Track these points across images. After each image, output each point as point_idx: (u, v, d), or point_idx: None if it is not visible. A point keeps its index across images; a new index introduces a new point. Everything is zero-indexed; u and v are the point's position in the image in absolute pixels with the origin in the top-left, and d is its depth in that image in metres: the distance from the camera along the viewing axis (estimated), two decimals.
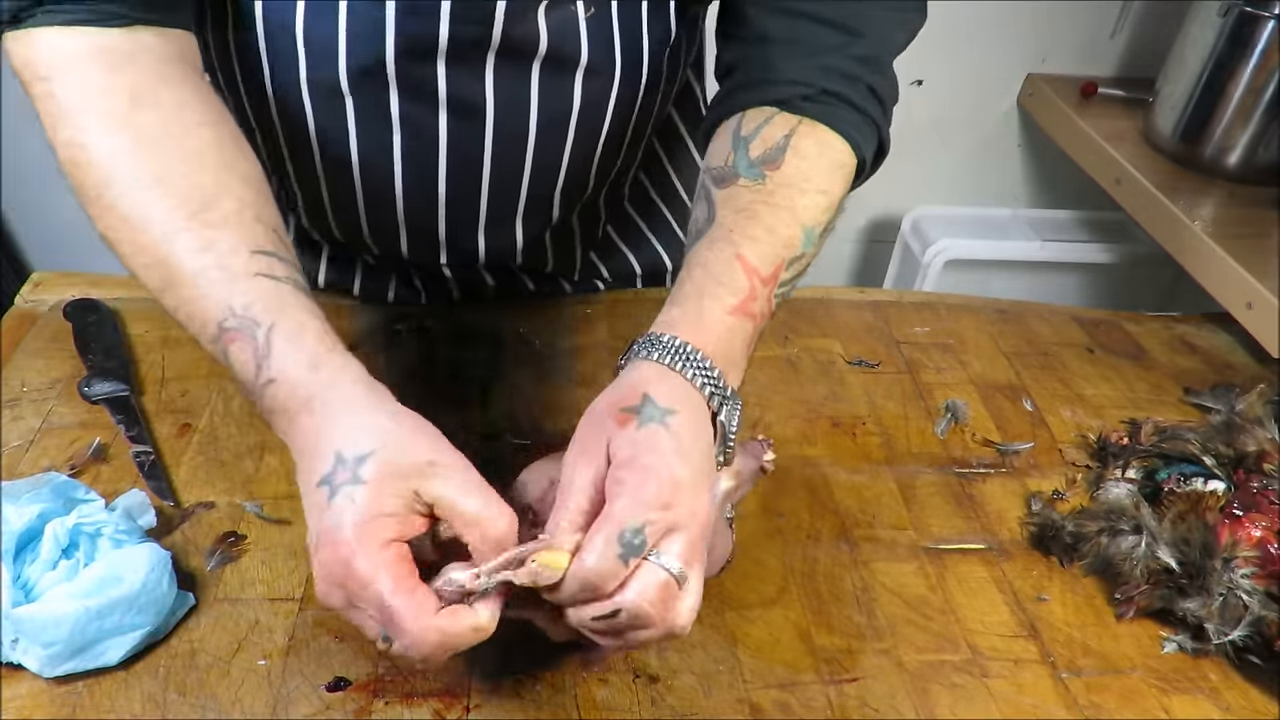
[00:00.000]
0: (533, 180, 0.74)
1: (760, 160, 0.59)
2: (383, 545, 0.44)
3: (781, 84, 0.61)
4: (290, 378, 0.48)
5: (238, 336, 0.49)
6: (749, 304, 0.54)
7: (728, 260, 0.55)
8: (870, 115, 0.62)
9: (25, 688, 0.53)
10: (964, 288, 1.32)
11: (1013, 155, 1.76)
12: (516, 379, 0.79)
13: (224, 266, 0.50)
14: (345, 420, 0.47)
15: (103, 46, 0.53)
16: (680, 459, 0.46)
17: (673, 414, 0.47)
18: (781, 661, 0.59)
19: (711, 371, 0.50)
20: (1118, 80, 1.59)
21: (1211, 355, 0.92)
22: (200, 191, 0.51)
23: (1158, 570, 0.63)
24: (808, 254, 0.58)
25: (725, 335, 0.52)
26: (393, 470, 0.45)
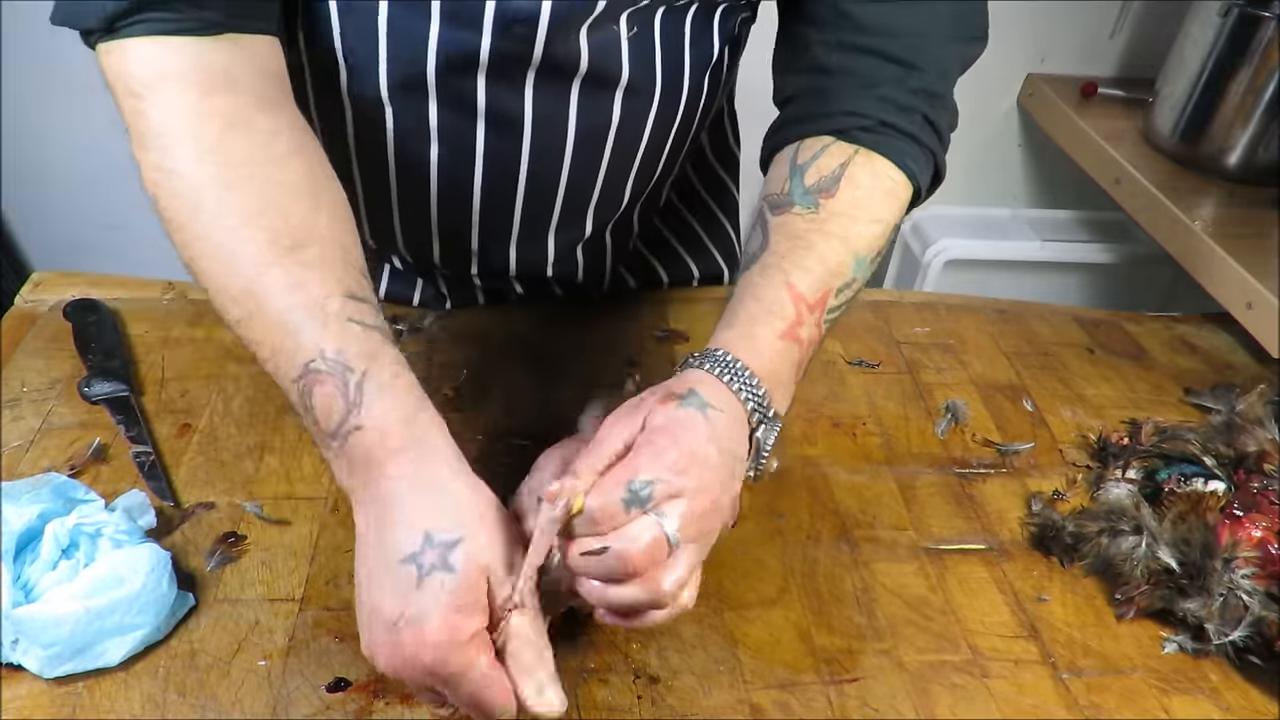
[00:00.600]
0: (567, 195, 0.74)
1: (815, 188, 0.60)
2: (471, 638, 0.45)
3: (838, 115, 0.62)
4: (381, 426, 0.48)
5: (326, 380, 0.48)
6: (795, 329, 0.56)
7: (778, 287, 0.56)
8: (926, 144, 0.63)
9: (25, 688, 0.53)
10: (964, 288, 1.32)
11: (1013, 155, 1.76)
12: (517, 379, 0.79)
13: (316, 307, 0.49)
14: (437, 494, 0.47)
15: (199, 64, 0.52)
16: (709, 442, 0.48)
17: (714, 409, 0.50)
18: (781, 661, 0.59)
19: (758, 390, 0.52)
20: (1118, 80, 1.59)
21: (1211, 355, 0.92)
22: (291, 228, 0.51)
23: (1158, 570, 0.63)
24: (858, 279, 0.60)
25: (774, 358, 0.54)
26: (480, 565, 0.46)
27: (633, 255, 0.90)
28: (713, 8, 0.68)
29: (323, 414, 0.48)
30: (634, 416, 0.50)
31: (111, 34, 0.51)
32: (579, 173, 0.73)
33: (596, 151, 0.72)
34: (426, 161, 0.70)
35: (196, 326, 0.81)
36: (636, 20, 0.65)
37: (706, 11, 0.68)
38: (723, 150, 0.92)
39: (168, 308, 0.82)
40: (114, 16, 0.51)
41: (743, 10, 0.71)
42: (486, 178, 0.71)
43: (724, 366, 0.52)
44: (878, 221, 0.61)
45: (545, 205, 0.75)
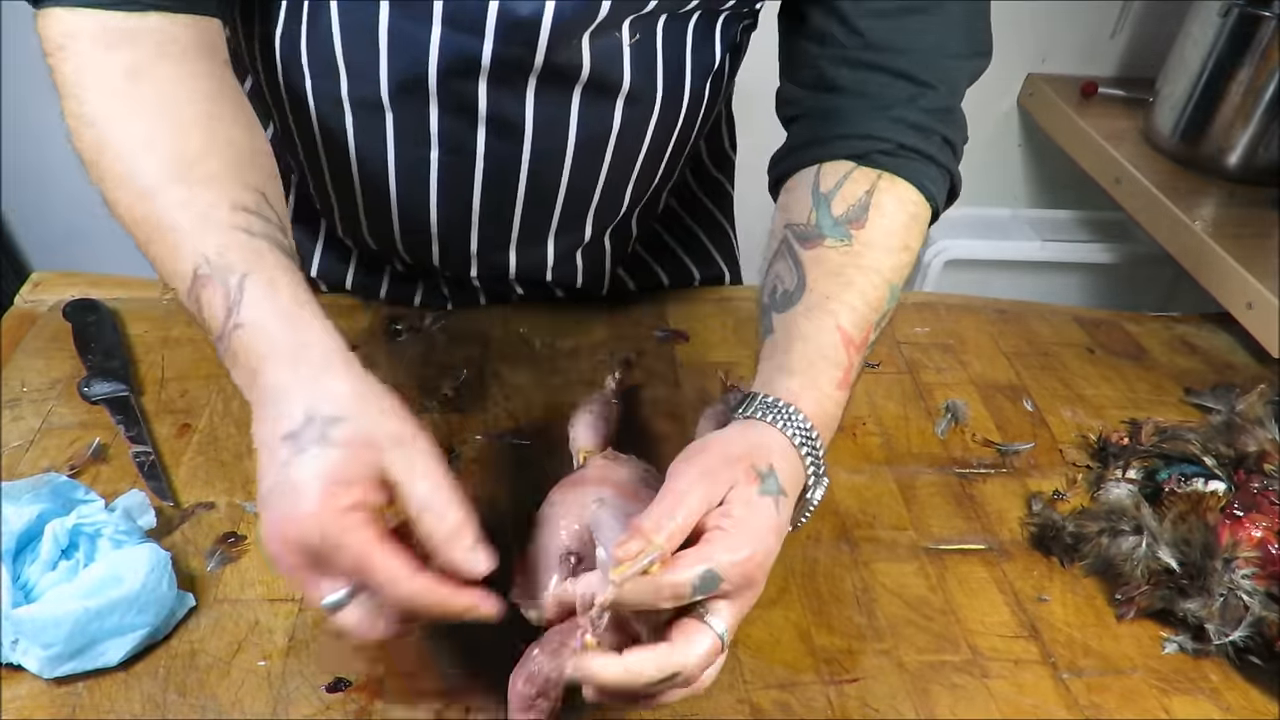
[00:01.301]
0: (567, 199, 0.74)
1: (844, 219, 0.60)
2: (350, 507, 0.43)
3: (855, 139, 0.62)
4: (260, 325, 0.48)
5: (209, 283, 0.49)
6: (849, 375, 0.57)
7: (829, 332, 0.57)
8: (944, 165, 0.63)
9: (25, 688, 0.53)
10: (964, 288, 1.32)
11: (1013, 155, 1.76)
12: (516, 379, 0.79)
13: (203, 217, 0.50)
14: (318, 379, 0.46)
15: (106, 27, 0.54)
16: (774, 535, 0.49)
17: (784, 497, 0.50)
18: (782, 662, 0.59)
19: (818, 450, 0.53)
20: (1118, 80, 1.59)
21: (1212, 355, 0.92)
22: (186, 153, 0.52)
23: (1158, 571, 0.63)
24: (890, 310, 0.61)
25: (833, 411, 0.56)
26: (363, 439, 0.45)
27: (632, 258, 0.90)
28: (715, 15, 0.68)
29: (209, 317, 0.49)
30: (716, 482, 0.49)
31: (40, 3, 0.56)
32: (579, 178, 0.73)
33: (597, 157, 0.72)
34: (426, 165, 0.70)
35: (196, 326, 0.80)
36: (639, 27, 0.64)
37: (709, 19, 0.68)
38: (719, 154, 0.92)
39: (168, 308, 0.82)
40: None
41: (745, 18, 0.71)
42: (486, 182, 0.71)
43: (796, 428, 0.52)
44: (907, 249, 0.61)
45: (545, 210, 0.75)
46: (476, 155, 0.69)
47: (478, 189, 0.72)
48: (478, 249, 0.77)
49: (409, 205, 0.73)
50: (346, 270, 0.85)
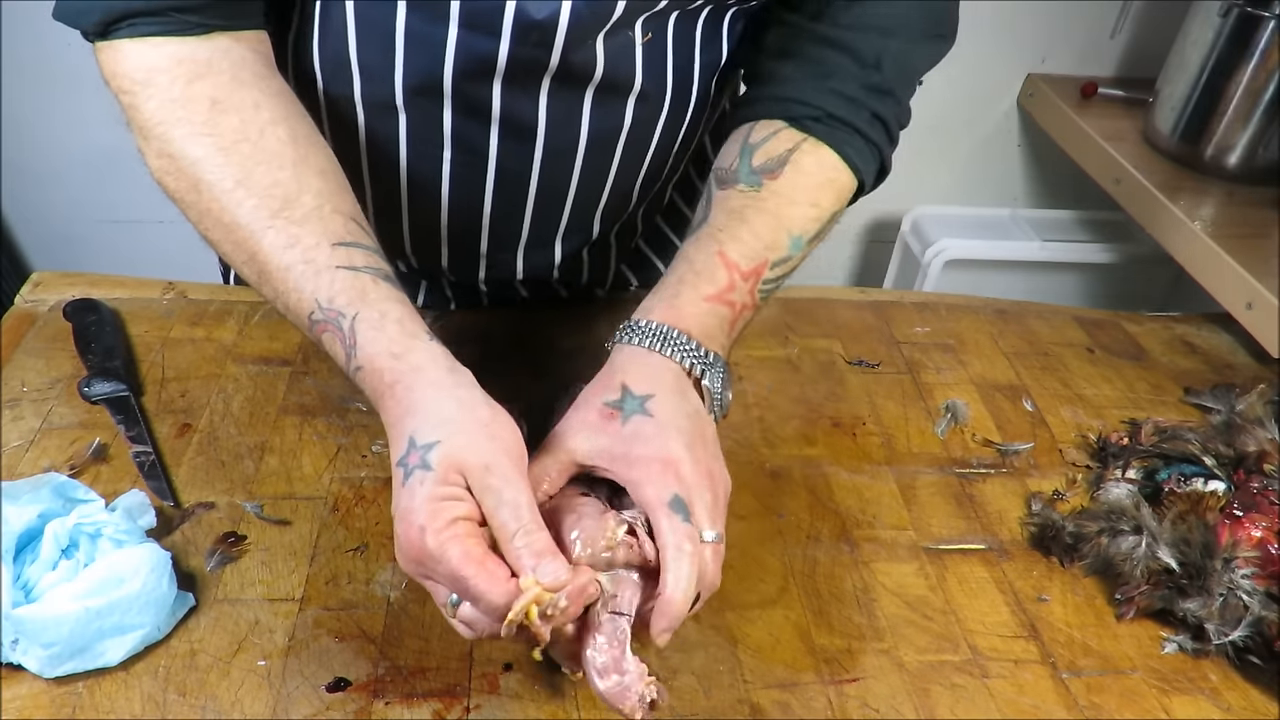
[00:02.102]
0: (577, 199, 0.75)
1: (761, 169, 0.64)
2: (449, 523, 0.47)
3: (793, 102, 0.65)
4: (376, 365, 0.51)
5: (327, 328, 0.53)
6: (726, 294, 0.59)
7: (709, 255, 0.60)
8: (872, 140, 0.66)
9: (25, 688, 0.53)
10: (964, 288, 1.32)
11: (1013, 155, 1.76)
12: (518, 379, 0.79)
13: (309, 261, 0.53)
14: (421, 407, 0.50)
15: (182, 57, 0.56)
16: (667, 438, 0.52)
17: (650, 398, 0.53)
18: (781, 661, 0.59)
19: (688, 344, 0.56)
20: (1118, 80, 1.60)
21: (1211, 355, 0.92)
22: (281, 189, 0.54)
23: (1158, 570, 0.63)
24: (794, 257, 0.63)
25: (700, 317, 0.58)
26: (455, 463, 0.48)
27: (635, 254, 0.90)
28: (724, 10, 0.68)
29: (335, 356, 0.53)
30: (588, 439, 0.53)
31: (105, 36, 0.56)
32: (589, 177, 0.73)
33: (607, 156, 0.72)
34: (439, 167, 0.70)
35: (196, 326, 0.81)
36: (651, 25, 0.65)
37: (717, 15, 0.68)
38: None
39: (168, 308, 0.82)
40: (108, 20, 0.55)
41: (750, 12, 0.71)
42: (498, 183, 0.71)
43: (649, 336, 0.56)
44: (815, 205, 0.64)
45: (555, 210, 0.75)
46: (489, 157, 0.69)
47: (489, 190, 0.72)
48: (487, 250, 0.78)
49: (419, 206, 0.73)
50: None
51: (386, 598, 0.60)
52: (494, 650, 0.57)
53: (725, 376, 0.58)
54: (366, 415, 0.73)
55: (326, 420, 0.72)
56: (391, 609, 0.59)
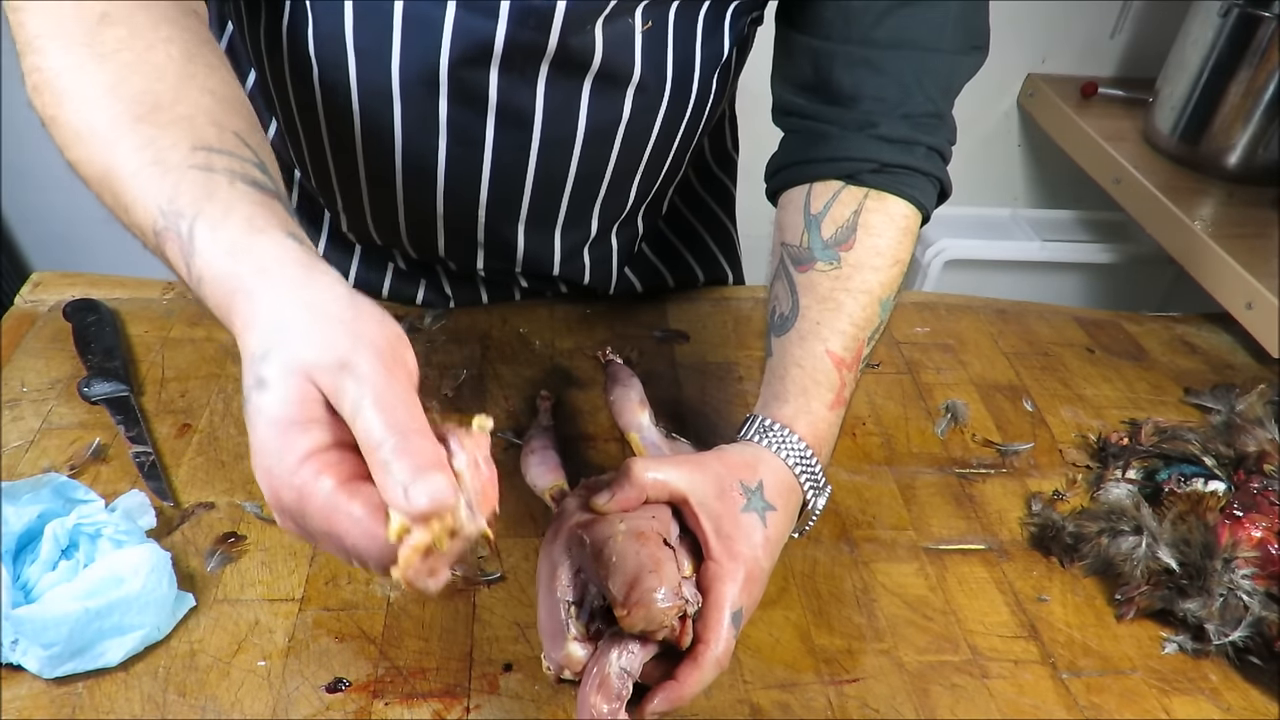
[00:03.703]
0: (574, 191, 0.74)
1: (833, 241, 0.63)
2: (300, 461, 0.37)
3: (844, 161, 0.64)
4: (214, 272, 0.41)
5: (167, 236, 0.42)
6: (841, 394, 0.60)
7: (820, 357, 0.60)
8: (931, 174, 0.65)
9: (25, 688, 0.53)
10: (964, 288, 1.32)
11: (1013, 155, 1.76)
12: (516, 379, 0.79)
13: (159, 162, 0.43)
14: (261, 317, 0.39)
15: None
16: (765, 551, 0.53)
17: (772, 511, 0.55)
18: (781, 662, 0.59)
19: (814, 468, 0.58)
20: (1118, 80, 1.59)
21: (1211, 355, 0.92)
22: (152, 97, 0.46)
23: (1158, 571, 0.63)
24: (884, 322, 0.64)
25: (827, 431, 0.59)
26: (299, 370, 0.38)
27: (638, 258, 0.90)
28: (725, 5, 0.68)
29: (179, 276, 0.43)
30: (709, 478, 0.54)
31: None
32: (587, 169, 0.73)
33: (605, 148, 0.72)
34: (434, 156, 0.70)
35: (196, 326, 0.81)
36: (651, 14, 0.65)
37: (719, 10, 0.68)
38: (722, 154, 0.92)
39: (168, 308, 0.82)
40: None
41: (753, 10, 0.71)
42: (494, 172, 0.71)
43: (789, 449, 0.57)
44: (898, 263, 0.63)
45: (552, 201, 0.75)
46: (485, 146, 0.69)
47: (485, 179, 0.71)
48: (484, 238, 0.77)
49: (415, 195, 0.73)
50: (349, 266, 0.85)
51: (386, 598, 0.60)
52: (494, 650, 0.58)
53: (826, 499, 0.60)
54: None
55: None
56: (391, 609, 0.59)
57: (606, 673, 0.49)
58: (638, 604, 0.48)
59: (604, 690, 0.49)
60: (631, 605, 0.48)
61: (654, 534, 0.51)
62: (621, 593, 0.49)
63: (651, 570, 0.49)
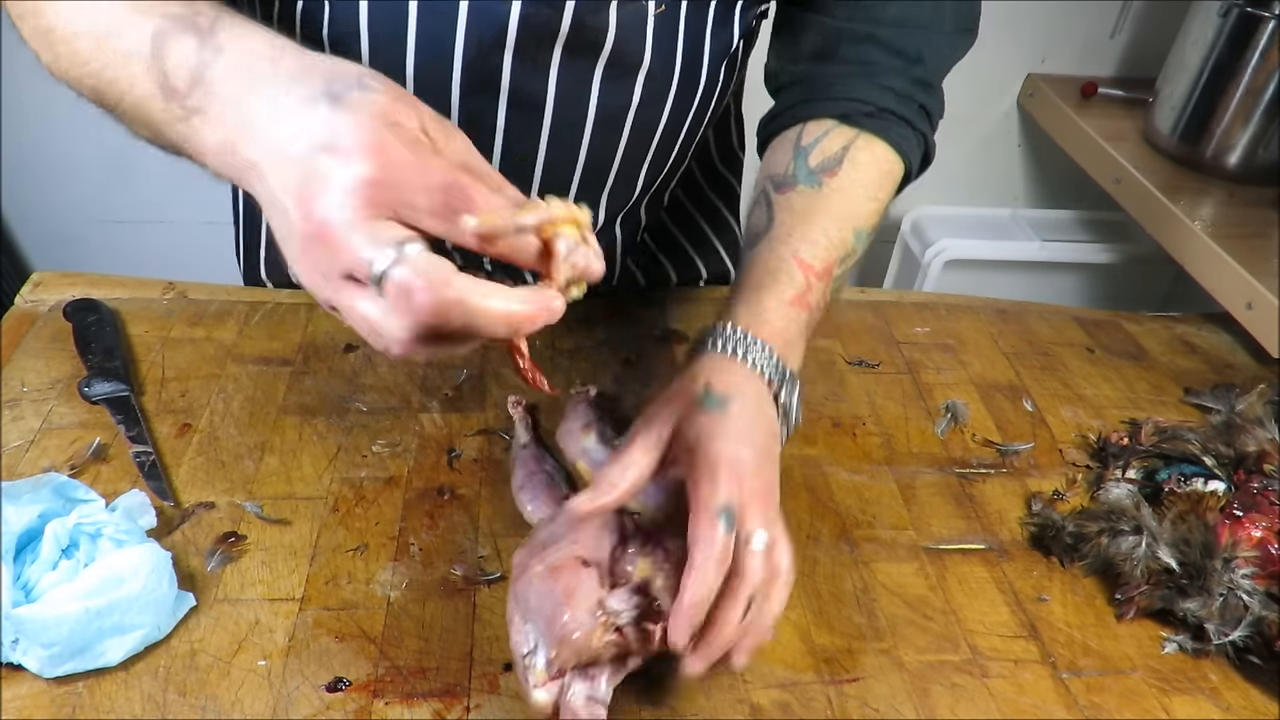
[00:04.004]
0: (583, 179, 0.75)
1: (819, 168, 0.65)
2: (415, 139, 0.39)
3: (842, 100, 0.67)
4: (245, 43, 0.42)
5: (176, 33, 0.43)
6: (805, 296, 0.60)
7: (785, 259, 0.61)
8: (920, 130, 0.68)
9: (25, 688, 0.53)
10: (964, 288, 1.32)
11: (1013, 155, 1.76)
12: (516, 379, 0.79)
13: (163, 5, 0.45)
14: (326, 63, 0.41)
15: None
16: (739, 442, 0.51)
17: (729, 400, 0.53)
18: (781, 661, 0.59)
19: (770, 358, 0.56)
20: (1118, 80, 1.60)
21: (1211, 355, 0.92)
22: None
23: (1158, 570, 0.63)
24: (857, 250, 0.65)
25: (783, 324, 0.58)
26: (398, 91, 0.40)
27: (641, 251, 0.91)
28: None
29: (180, 71, 0.43)
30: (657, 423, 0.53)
31: None
32: (596, 155, 0.73)
33: (614, 134, 0.72)
34: None
35: (196, 326, 0.81)
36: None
37: (729, 1, 0.69)
38: (727, 151, 0.92)
39: (168, 308, 0.83)
40: None
41: (763, 2, 0.72)
42: (505, 158, 0.71)
43: (734, 344, 0.56)
44: (874, 199, 0.65)
45: (560, 189, 0.75)
46: (496, 131, 0.69)
47: (495, 166, 0.71)
48: None
49: None
50: None
51: (386, 598, 0.60)
52: (494, 650, 0.58)
53: (799, 391, 0.58)
54: (367, 415, 0.73)
55: (326, 420, 0.72)
56: (391, 609, 0.59)
57: (574, 706, 0.50)
58: (560, 641, 0.49)
59: None
60: (556, 644, 0.49)
61: (569, 563, 0.51)
62: (546, 635, 0.50)
63: (563, 603, 0.49)
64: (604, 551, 0.53)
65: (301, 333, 0.81)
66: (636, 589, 0.51)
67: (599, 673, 0.51)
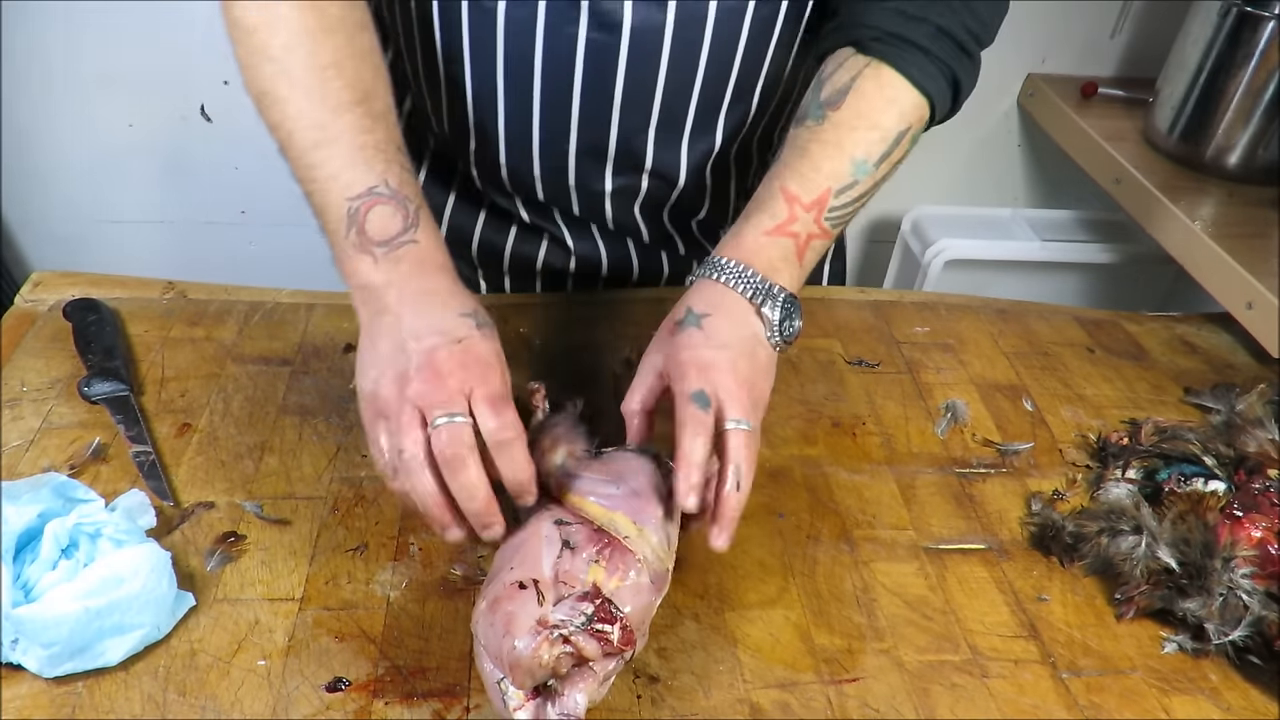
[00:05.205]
0: (704, 84, 0.74)
1: (826, 101, 0.66)
2: None
3: (856, 26, 0.67)
4: (433, 245, 0.59)
5: (388, 203, 0.58)
6: (787, 225, 0.63)
7: (771, 191, 0.64)
8: (936, 54, 0.66)
9: (25, 688, 0.53)
10: (964, 288, 1.31)
11: (1013, 155, 1.76)
12: (517, 379, 0.79)
13: (380, 149, 0.59)
14: (469, 293, 0.59)
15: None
16: (710, 347, 0.58)
17: (706, 316, 0.60)
18: (781, 661, 0.59)
19: (749, 274, 0.61)
20: (1118, 80, 1.59)
21: (1211, 355, 0.92)
22: (365, 84, 0.61)
23: (1158, 570, 0.63)
24: (861, 181, 0.65)
25: (761, 249, 0.62)
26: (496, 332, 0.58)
27: None
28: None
29: (378, 227, 0.58)
30: (654, 351, 0.61)
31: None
32: (676, 71, 0.73)
33: (694, 49, 0.72)
34: (531, 65, 0.72)
35: (196, 326, 0.81)
36: None
37: None
38: None
39: (168, 307, 0.83)
40: None
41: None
42: (586, 80, 0.73)
43: (712, 268, 0.62)
44: (875, 127, 0.65)
45: (644, 107, 0.75)
46: (577, 52, 0.71)
47: (577, 86, 0.73)
48: (615, 150, 0.78)
49: (513, 110, 0.76)
50: (474, 227, 0.89)
51: (386, 598, 0.60)
52: None
53: (788, 307, 0.61)
54: None
55: (326, 420, 0.72)
56: (391, 609, 0.59)
57: None
58: (512, 668, 0.50)
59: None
60: (510, 672, 0.50)
61: (506, 592, 0.52)
62: (500, 666, 0.51)
63: (505, 633, 0.50)
64: (542, 568, 0.53)
65: (301, 333, 0.81)
66: (583, 596, 0.51)
67: (570, 688, 0.51)
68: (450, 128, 0.81)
